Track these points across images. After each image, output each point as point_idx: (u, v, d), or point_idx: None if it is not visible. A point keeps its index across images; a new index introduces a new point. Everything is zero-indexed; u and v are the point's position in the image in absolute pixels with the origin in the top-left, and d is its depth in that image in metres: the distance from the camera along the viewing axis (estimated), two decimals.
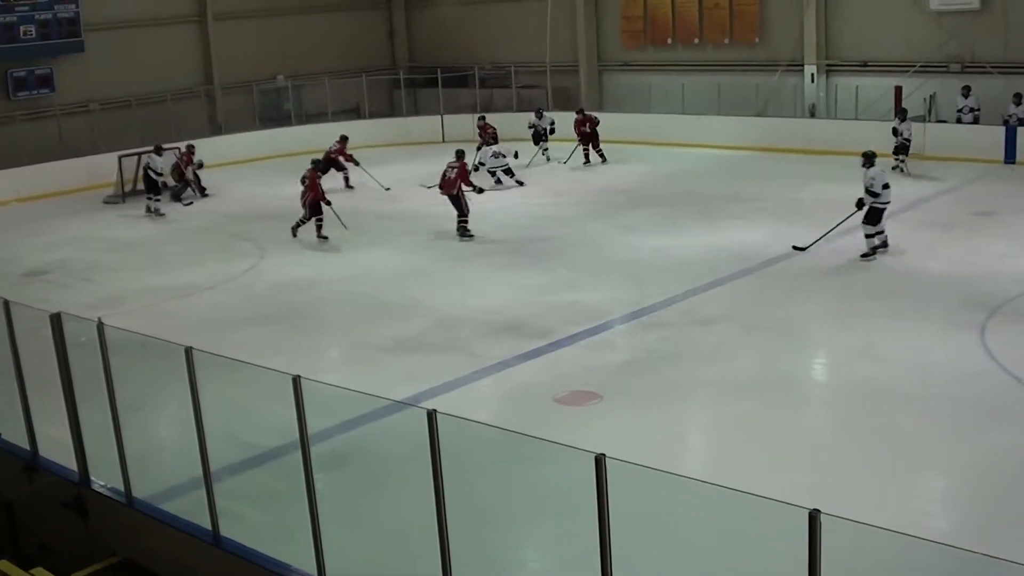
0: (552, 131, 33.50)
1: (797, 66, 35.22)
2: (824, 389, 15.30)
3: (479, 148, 31.26)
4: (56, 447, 12.35)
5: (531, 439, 8.56)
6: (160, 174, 29.18)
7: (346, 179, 30.76)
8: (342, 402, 11.74)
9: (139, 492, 11.35)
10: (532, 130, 33.44)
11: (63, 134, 34.66)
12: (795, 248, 21.09)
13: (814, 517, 6.25)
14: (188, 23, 39.74)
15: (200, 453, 10.31)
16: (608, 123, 33.33)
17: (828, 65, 34.87)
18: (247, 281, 21.67)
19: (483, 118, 33.08)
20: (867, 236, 20.43)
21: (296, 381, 9.14)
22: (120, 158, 31.11)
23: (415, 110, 42.14)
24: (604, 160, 32.07)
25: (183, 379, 10.24)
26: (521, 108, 38.82)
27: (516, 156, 30.24)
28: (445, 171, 24.16)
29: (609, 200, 26.83)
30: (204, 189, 30.93)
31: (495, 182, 28.93)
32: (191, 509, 10.74)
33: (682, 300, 18.52)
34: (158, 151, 29.51)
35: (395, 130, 37.94)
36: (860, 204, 20.46)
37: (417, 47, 46.12)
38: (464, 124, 36.94)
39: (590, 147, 32.46)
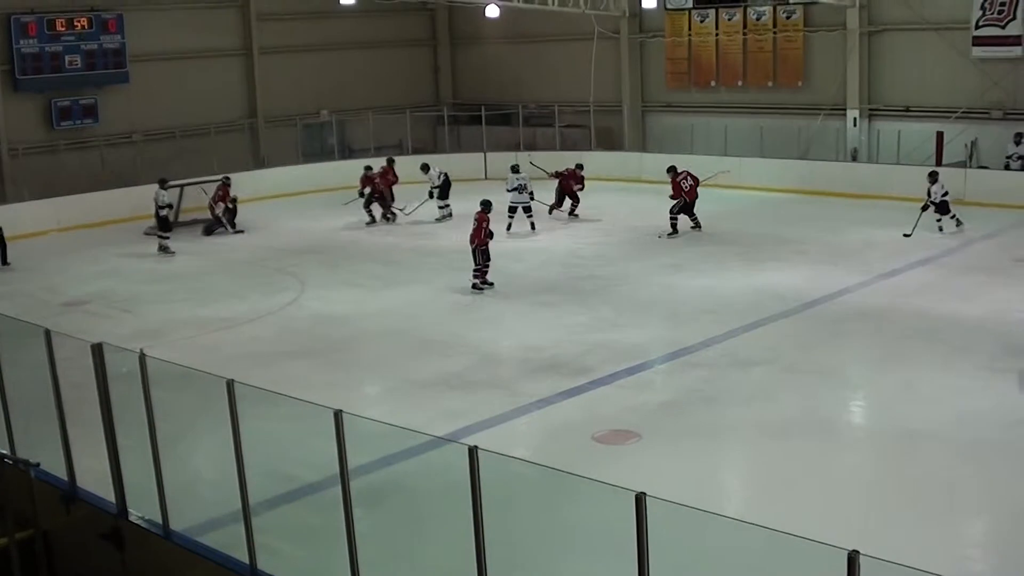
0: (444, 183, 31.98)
1: (840, 110, 35.20)
2: (863, 432, 15.22)
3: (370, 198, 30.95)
4: (94, 478, 12.38)
5: (571, 476, 8.54)
6: (166, 207, 28.79)
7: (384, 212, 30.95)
8: (382, 437, 11.74)
9: (177, 525, 11.34)
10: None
11: (106, 164, 34.87)
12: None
13: (853, 559, 6.25)
14: (233, 56, 40.04)
15: (239, 486, 10.32)
16: (651, 163, 33.35)
17: (870, 110, 34.85)
18: (288, 315, 21.75)
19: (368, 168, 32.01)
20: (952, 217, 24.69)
21: (338, 415, 9.16)
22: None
23: (458, 147, 42.22)
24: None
25: (223, 412, 10.26)
26: (565, 147, 38.90)
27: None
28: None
29: (651, 239, 26.81)
30: (235, 225, 30.89)
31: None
32: (229, 543, 10.73)
33: (723, 341, 18.47)
34: (163, 184, 28.97)
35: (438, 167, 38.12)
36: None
37: (461, 84, 46.34)
38: (507, 162, 37.01)
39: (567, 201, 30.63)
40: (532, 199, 28.61)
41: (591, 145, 39.28)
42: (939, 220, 26.22)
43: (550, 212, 29.86)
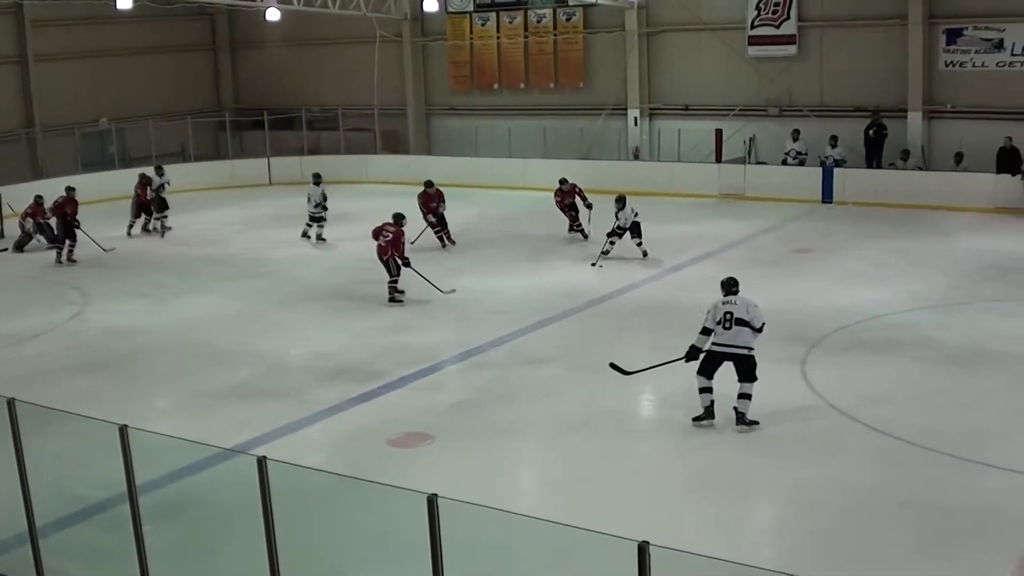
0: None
1: (621, 110, 36.00)
2: (651, 424, 15.54)
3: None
4: None
5: (363, 483, 8.58)
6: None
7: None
8: (172, 451, 11.59)
9: None
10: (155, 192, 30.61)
11: None
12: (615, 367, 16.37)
13: (643, 549, 6.37)
14: (8, 63, 38.93)
15: (24, 508, 10.08)
16: (436, 166, 33.50)
17: (651, 109, 35.72)
18: (72, 329, 21.19)
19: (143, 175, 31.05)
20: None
21: (123, 431, 9.01)
22: None
23: (241, 152, 41.73)
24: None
25: (4, 432, 10.01)
26: (350, 151, 38.89)
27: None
28: (380, 233, 21.97)
29: (437, 242, 26.90)
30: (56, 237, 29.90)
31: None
32: (15, 567, 10.48)
33: (511, 340, 18.72)
34: None
35: (220, 173, 37.58)
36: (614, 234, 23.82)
37: (243, 89, 45.86)
38: (291, 167, 36.89)
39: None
40: (325, 210, 28.05)
41: (376, 149, 39.29)
42: (639, 243, 24.31)
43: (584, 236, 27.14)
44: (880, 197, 29.35)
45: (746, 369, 14.34)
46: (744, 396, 14.32)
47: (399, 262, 21.59)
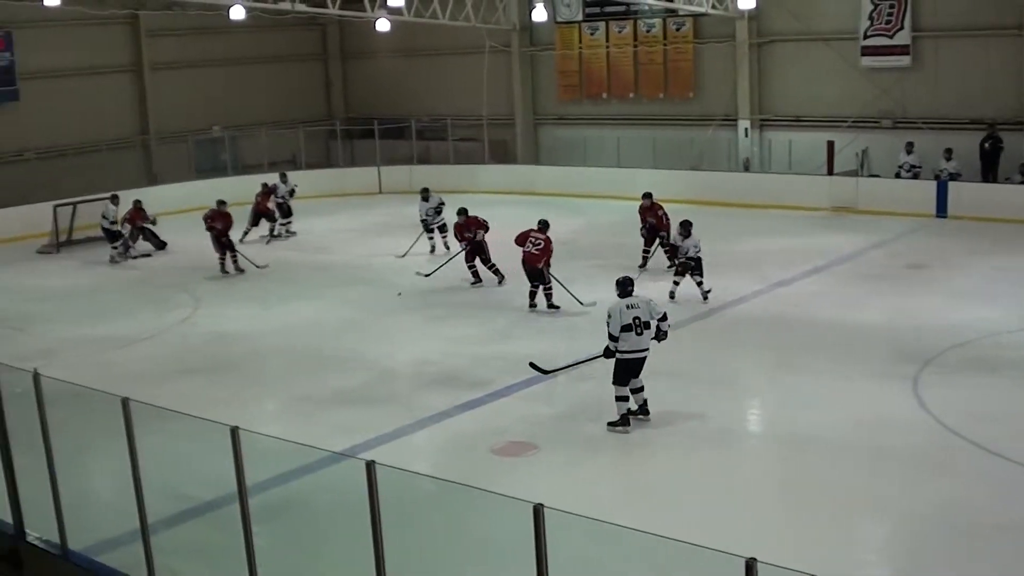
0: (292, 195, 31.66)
1: (731, 120, 35.72)
2: (759, 440, 15.41)
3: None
4: None
5: (469, 489, 8.59)
6: (114, 223, 29.10)
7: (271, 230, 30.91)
8: (280, 454, 11.71)
9: (75, 544, 11.21)
10: (281, 200, 31.39)
11: None
12: (534, 367, 17.30)
13: (751, 566, 6.30)
14: (124, 72, 39.66)
15: (137, 505, 10.24)
16: (544, 176, 33.53)
17: (762, 120, 35.37)
18: (182, 332, 21.55)
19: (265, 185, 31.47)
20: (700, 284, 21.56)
21: (234, 432, 9.12)
22: (55, 208, 30.88)
23: (351, 161, 42.18)
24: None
25: (120, 430, 10.18)
26: (458, 160, 39.09)
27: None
28: (527, 241, 21.66)
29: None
30: (164, 244, 30.61)
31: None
32: (127, 562, 10.64)
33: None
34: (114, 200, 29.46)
35: (331, 181, 37.87)
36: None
37: (354, 98, 46.24)
38: (400, 176, 37.12)
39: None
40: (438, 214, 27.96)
41: (484, 158, 39.41)
42: (700, 282, 21.75)
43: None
44: (995, 212, 28.70)
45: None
46: (641, 389, 15.00)
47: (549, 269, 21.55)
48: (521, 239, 21.71)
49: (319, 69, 46.23)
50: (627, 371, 14.82)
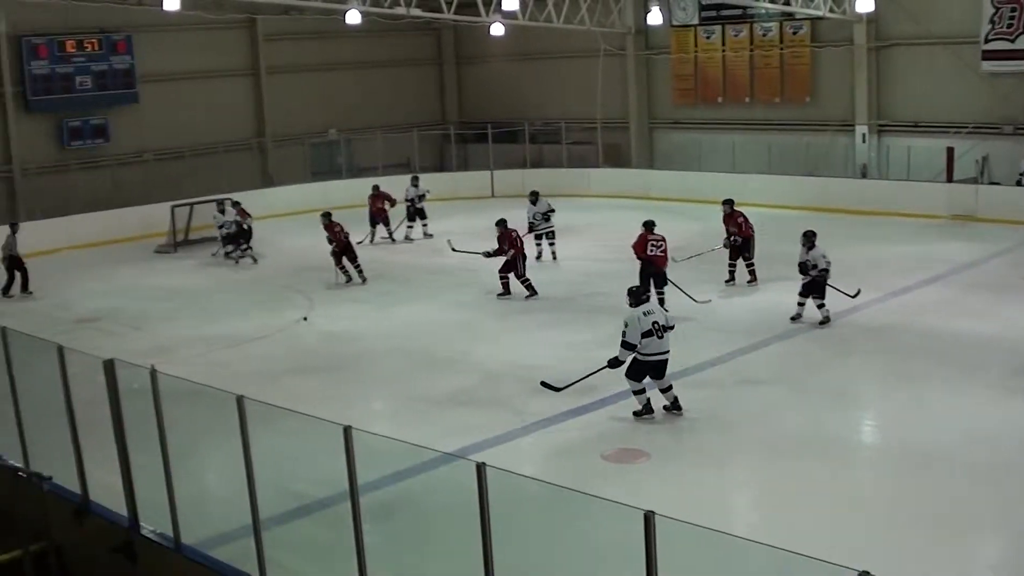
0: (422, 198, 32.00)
1: (848, 126, 35.26)
2: (873, 452, 15.15)
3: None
4: (106, 492, 12.44)
5: (580, 495, 8.54)
6: (222, 227, 29.73)
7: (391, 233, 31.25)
8: (390, 454, 11.75)
9: (188, 538, 11.39)
10: (409, 203, 31.84)
11: (116, 184, 35.13)
12: (546, 385, 16.74)
13: None
14: (241, 76, 40.33)
15: (250, 501, 10.36)
16: (657, 180, 33.31)
17: (879, 125, 34.88)
18: (296, 332, 21.78)
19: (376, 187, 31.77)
20: (820, 306, 20.05)
21: (347, 431, 9.19)
22: (172, 208, 31.47)
23: (465, 165, 42.39)
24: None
25: (233, 427, 10.31)
26: (572, 164, 39.09)
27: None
28: (647, 245, 21.57)
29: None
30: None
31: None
32: (239, 557, 10.77)
33: (730, 359, 18.46)
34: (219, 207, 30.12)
35: (445, 184, 37.99)
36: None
37: (468, 102, 46.49)
38: (513, 179, 37.15)
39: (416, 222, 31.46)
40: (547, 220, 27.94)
41: (598, 162, 39.36)
42: (821, 305, 20.23)
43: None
44: None
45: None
46: (670, 387, 15.55)
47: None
48: (640, 246, 21.57)
49: (434, 73, 46.53)
50: (648, 371, 15.42)
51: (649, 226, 21.81)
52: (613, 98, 40.04)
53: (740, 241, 23.82)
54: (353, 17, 32.23)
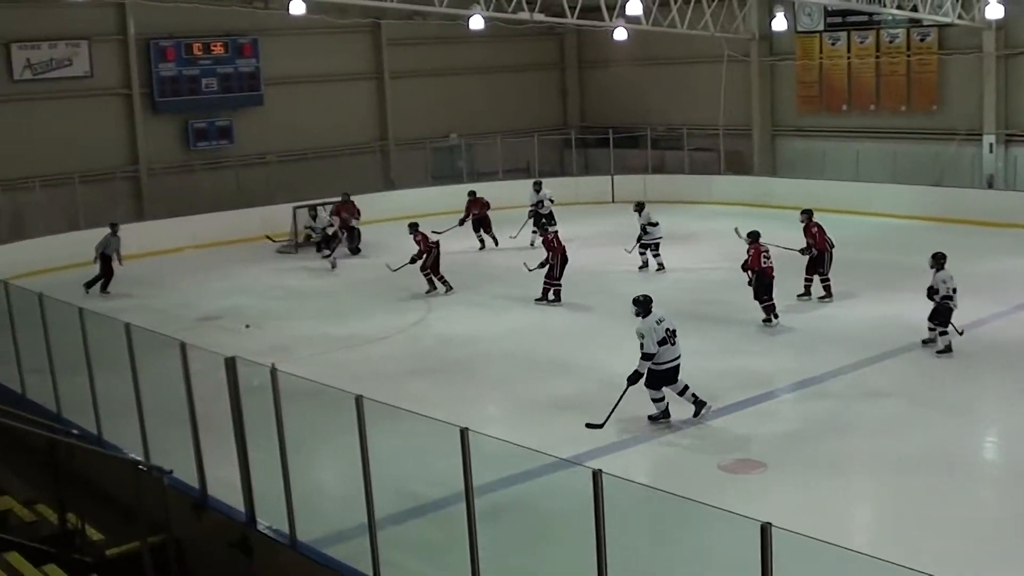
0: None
1: (975, 135, 34.55)
2: (995, 470, 14.86)
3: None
4: (224, 487, 12.63)
5: (695, 504, 8.47)
6: (313, 231, 30.42)
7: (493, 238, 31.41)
8: (504, 457, 11.77)
9: (303, 535, 11.52)
10: (533, 209, 31.72)
11: (240, 184, 35.69)
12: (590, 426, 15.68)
13: None
14: (365, 80, 40.67)
15: (365, 500, 10.45)
16: (780, 188, 32.97)
17: (1007, 135, 34.14)
18: (414, 335, 21.94)
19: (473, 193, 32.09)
20: (941, 334, 18.90)
21: (464, 433, 9.23)
22: (295, 209, 31.93)
23: (585, 170, 42.34)
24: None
25: (350, 427, 10.39)
26: (693, 170, 38.85)
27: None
28: (760, 257, 21.56)
29: (778, 266, 26.44)
30: (358, 250, 31.52)
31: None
32: (353, 555, 10.89)
33: (851, 372, 18.19)
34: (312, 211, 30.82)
35: (565, 189, 37.81)
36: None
37: (589, 107, 46.40)
38: (634, 185, 37.01)
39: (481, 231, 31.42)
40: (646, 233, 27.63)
41: (720, 169, 39.07)
42: (951, 329, 19.01)
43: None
44: None
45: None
46: (687, 387, 15.76)
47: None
48: (755, 258, 21.42)
49: (556, 78, 46.52)
50: (665, 379, 15.64)
51: (755, 236, 21.71)
52: (736, 104, 39.66)
53: (816, 253, 23.27)
54: (477, 22, 32.37)
